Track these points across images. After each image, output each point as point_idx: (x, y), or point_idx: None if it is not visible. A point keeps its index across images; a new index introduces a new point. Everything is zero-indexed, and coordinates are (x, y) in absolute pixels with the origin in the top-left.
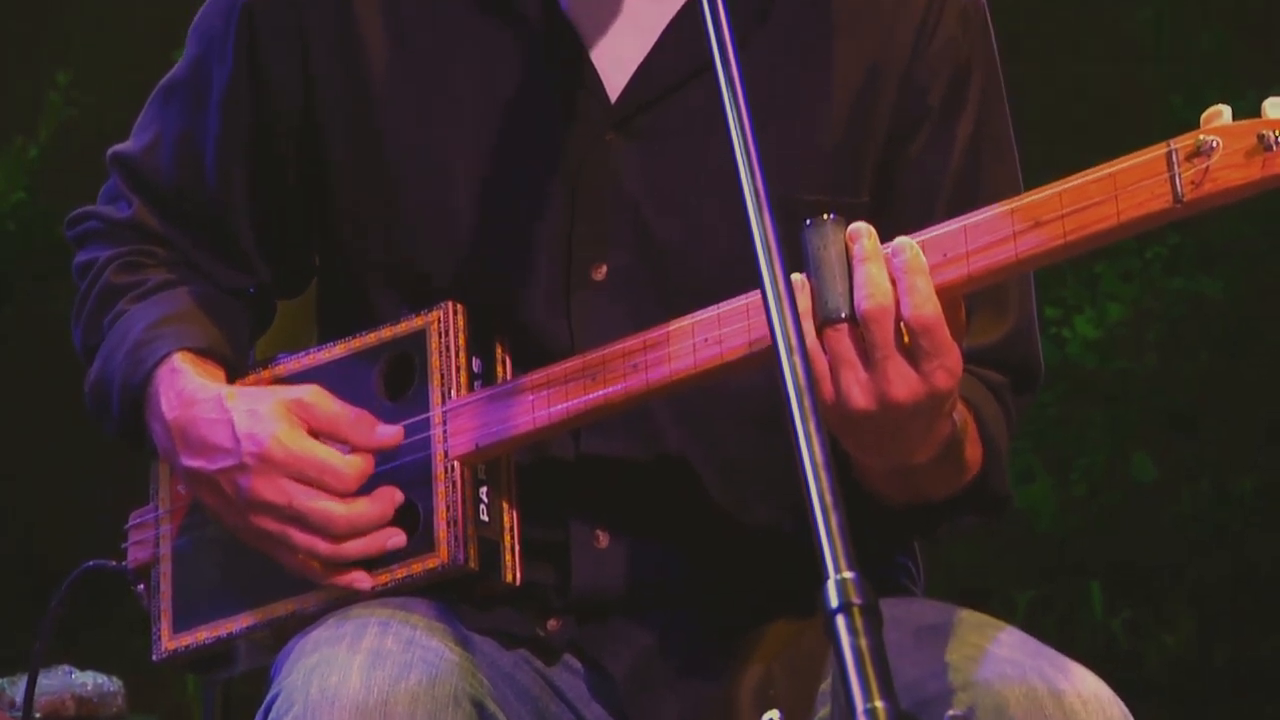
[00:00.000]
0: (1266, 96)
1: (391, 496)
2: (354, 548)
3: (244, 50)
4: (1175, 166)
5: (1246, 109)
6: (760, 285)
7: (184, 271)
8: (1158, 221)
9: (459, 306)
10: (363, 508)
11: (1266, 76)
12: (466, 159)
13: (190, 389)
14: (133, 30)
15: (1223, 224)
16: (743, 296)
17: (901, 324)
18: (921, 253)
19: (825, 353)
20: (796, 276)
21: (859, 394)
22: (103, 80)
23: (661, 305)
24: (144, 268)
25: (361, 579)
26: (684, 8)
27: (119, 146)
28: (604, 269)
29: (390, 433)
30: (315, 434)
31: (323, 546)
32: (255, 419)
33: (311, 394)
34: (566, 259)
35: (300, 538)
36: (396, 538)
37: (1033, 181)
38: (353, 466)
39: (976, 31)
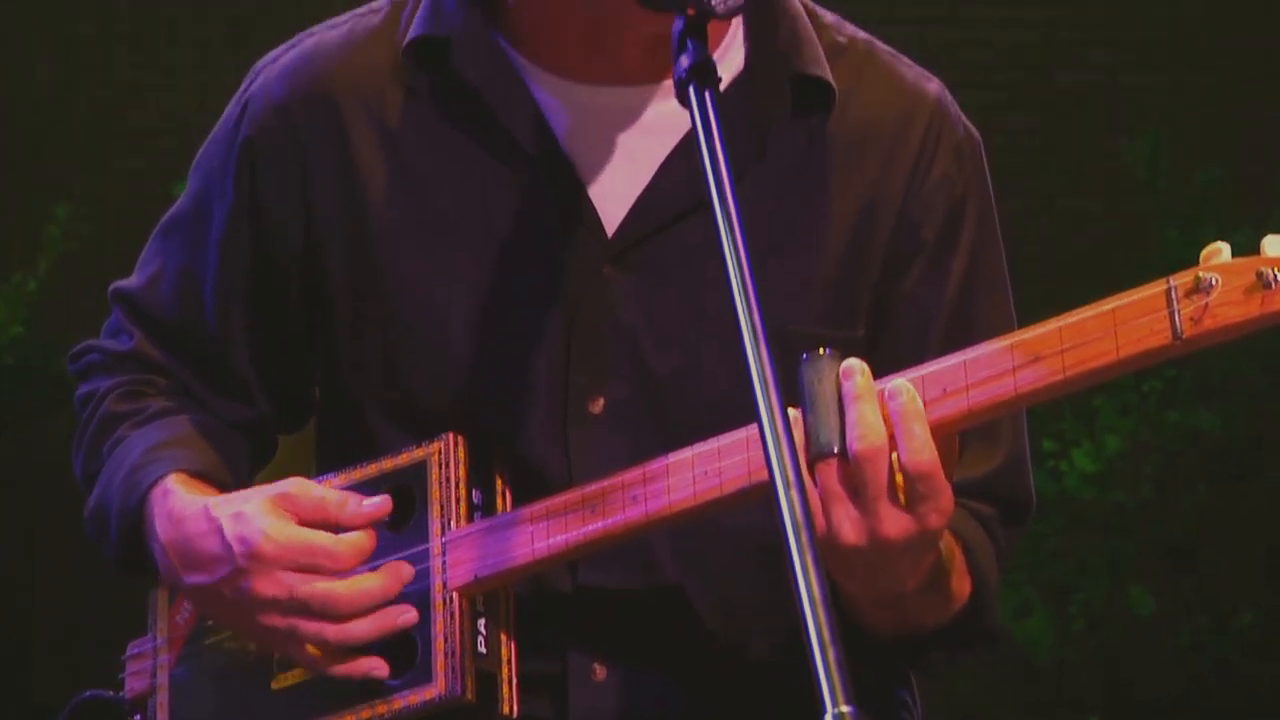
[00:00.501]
0: (1261, 231)
1: (398, 571)
2: (361, 627)
3: (244, 185)
4: (1175, 303)
5: (1242, 243)
6: (757, 421)
7: (184, 400)
8: (1157, 358)
9: (459, 438)
10: (367, 582)
11: (1261, 211)
12: (464, 292)
13: (179, 507)
14: (133, 164)
15: (1220, 358)
16: (743, 430)
17: (896, 467)
18: (918, 397)
19: (816, 486)
20: (791, 411)
21: (850, 529)
22: (102, 213)
23: (659, 438)
24: (144, 396)
25: (379, 666)
26: (680, 143)
27: (120, 282)
28: (601, 402)
29: (377, 502)
30: (305, 523)
31: (330, 630)
32: (242, 521)
33: (294, 485)
34: (564, 392)
35: (307, 626)
36: (408, 614)
37: (1031, 315)
38: (345, 543)
39: (971, 168)
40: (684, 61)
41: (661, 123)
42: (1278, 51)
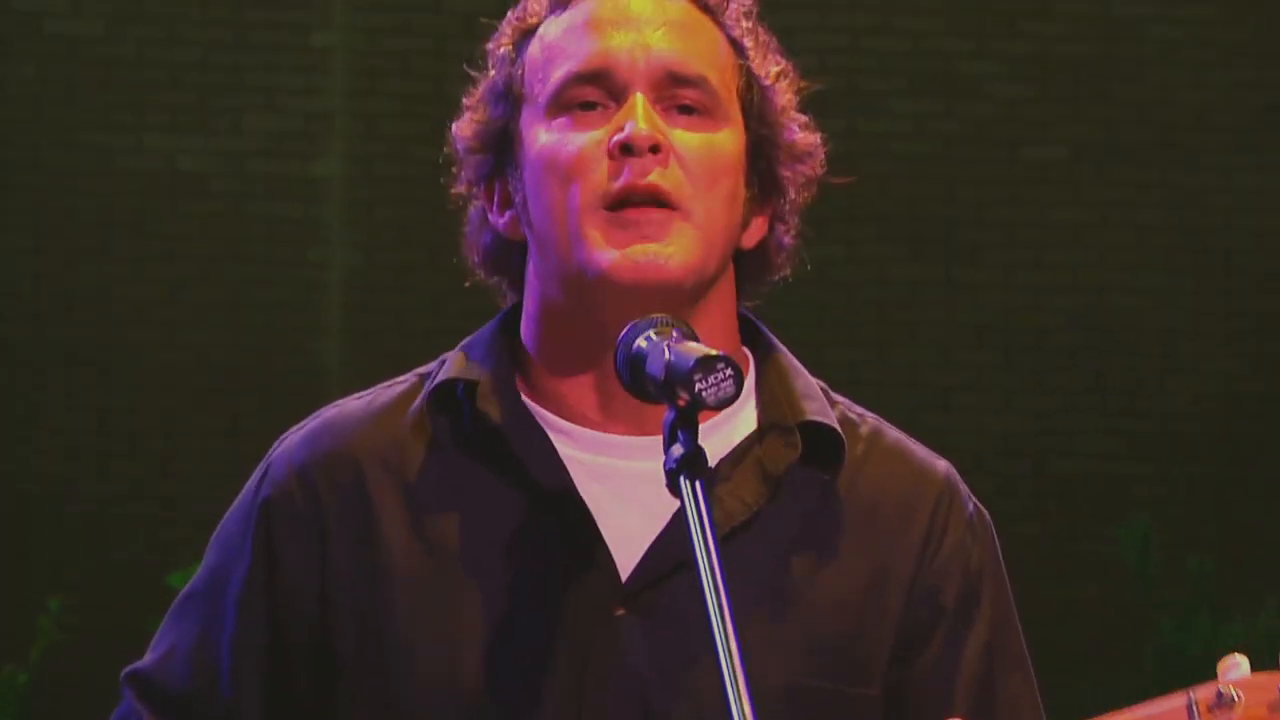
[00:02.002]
0: (1255, 622)
1: None
2: None
3: (262, 545)
4: (1196, 717)
5: (1235, 633)
6: None
7: None
8: None
9: None
10: None
11: (1254, 601)
12: (475, 635)
13: None
14: (128, 556)
15: None
16: None
17: None
18: None
19: None
20: None
21: None
22: (95, 605)
23: None
24: None
25: None
26: None
27: (134, 665)
28: None
29: None
30: None
31: None
32: None
33: None
34: None
35: None
36: None
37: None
38: None
39: (985, 542)
40: (675, 451)
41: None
42: (1269, 439)
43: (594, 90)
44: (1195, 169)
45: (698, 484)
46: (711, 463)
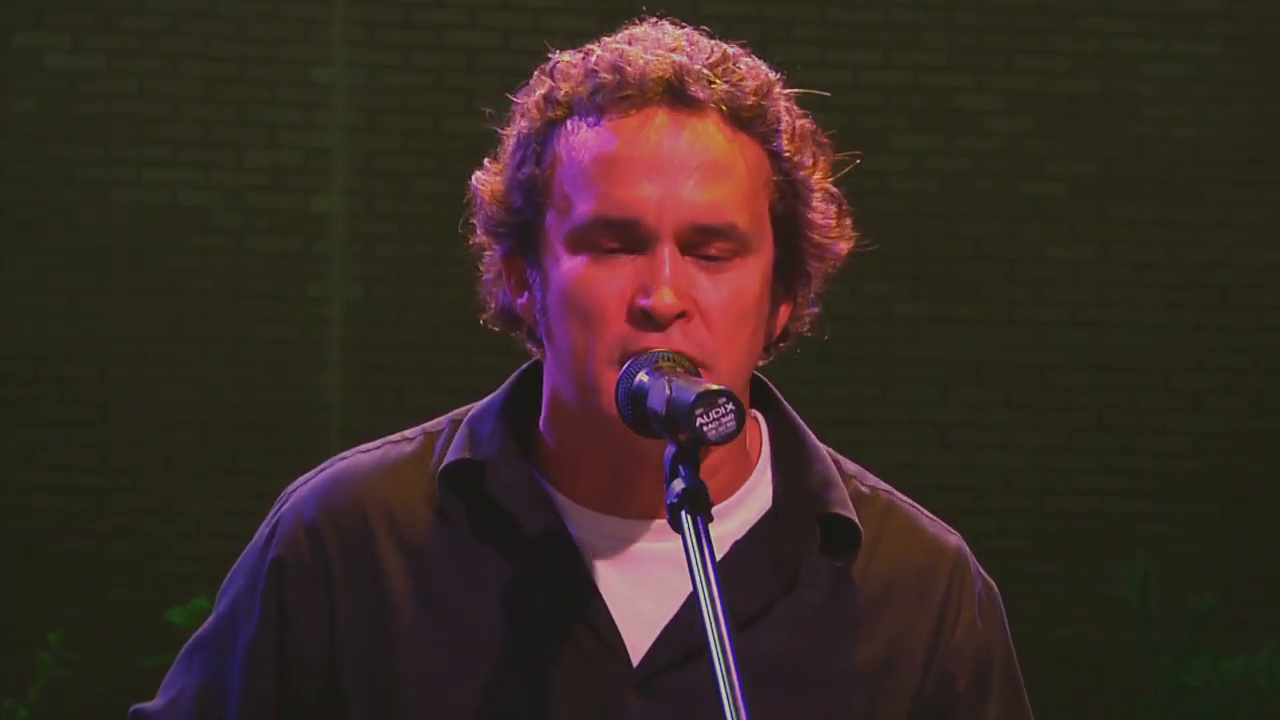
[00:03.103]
0: (1251, 665)
1: None
2: None
3: (271, 603)
4: None
5: (1235, 671)
6: None
7: None
8: None
9: None
10: None
11: (1254, 639)
12: (482, 714)
13: None
14: (127, 594)
15: None
16: None
17: None
18: None
19: None
20: None
21: None
22: (94, 640)
23: None
24: None
25: None
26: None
27: (142, 705)
28: None
29: None
30: None
31: None
32: None
33: None
34: None
35: None
36: None
37: None
38: None
39: (994, 618)
40: (676, 486)
41: (684, 556)
42: (1269, 477)
43: (618, 236)
44: (1194, 205)
45: (699, 519)
46: (727, 547)
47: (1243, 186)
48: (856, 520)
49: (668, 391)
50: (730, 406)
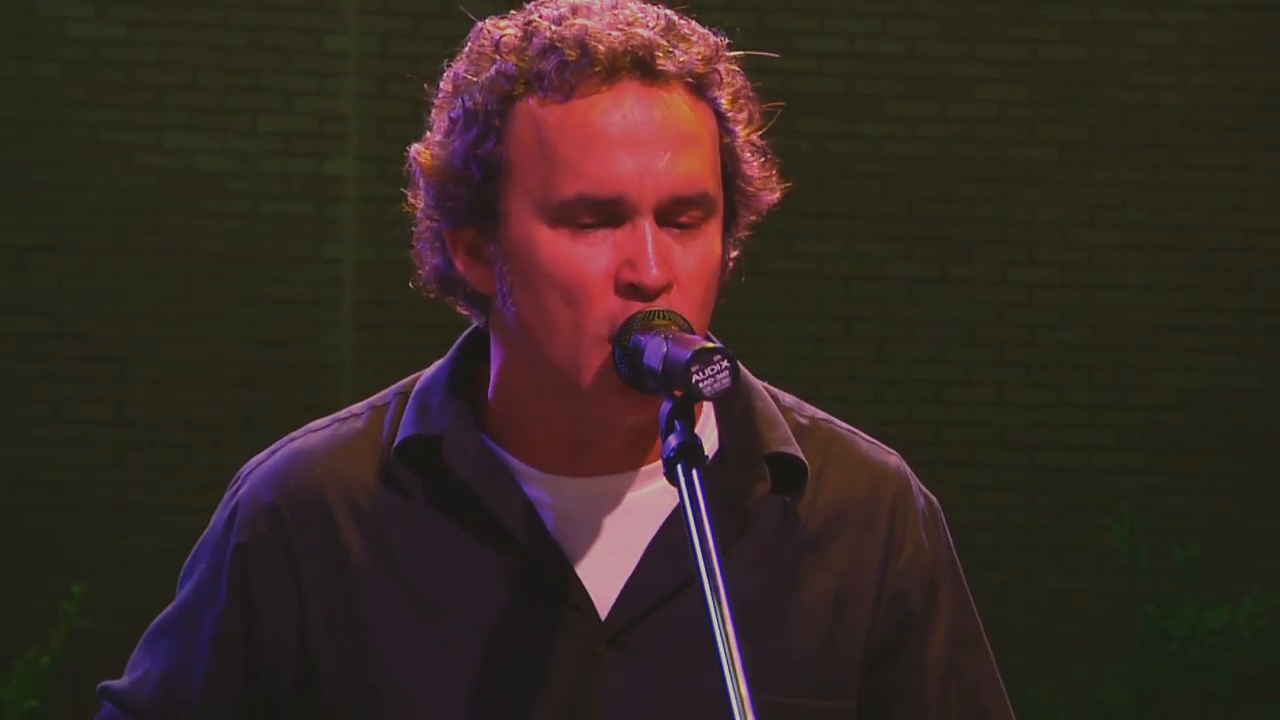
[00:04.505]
0: (1234, 613)
1: None
2: None
3: (236, 589)
4: None
5: (1218, 619)
6: None
7: None
8: None
9: None
10: None
11: (1236, 588)
12: (460, 686)
13: None
14: (145, 545)
15: None
16: None
17: None
18: None
19: None
20: None
21: None
22: (114, 592)
23: None
24: None
25: None
26: (666, 523)
27: (109, 682)
28: None
29: None
30: None
31: None
32: None
33: None
34: None
35: None
36: None
37: (1012, 690)
38: None
39: (937, 534)
40: (672, 441)
41: (645, 507)
42: (1253, 433)
43: (598, 212)
44: (1181, 169)
45: (694, 472)
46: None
47: (1227, 151)
48: (802, 457)
49: (664, 349)
50: (725, 364)
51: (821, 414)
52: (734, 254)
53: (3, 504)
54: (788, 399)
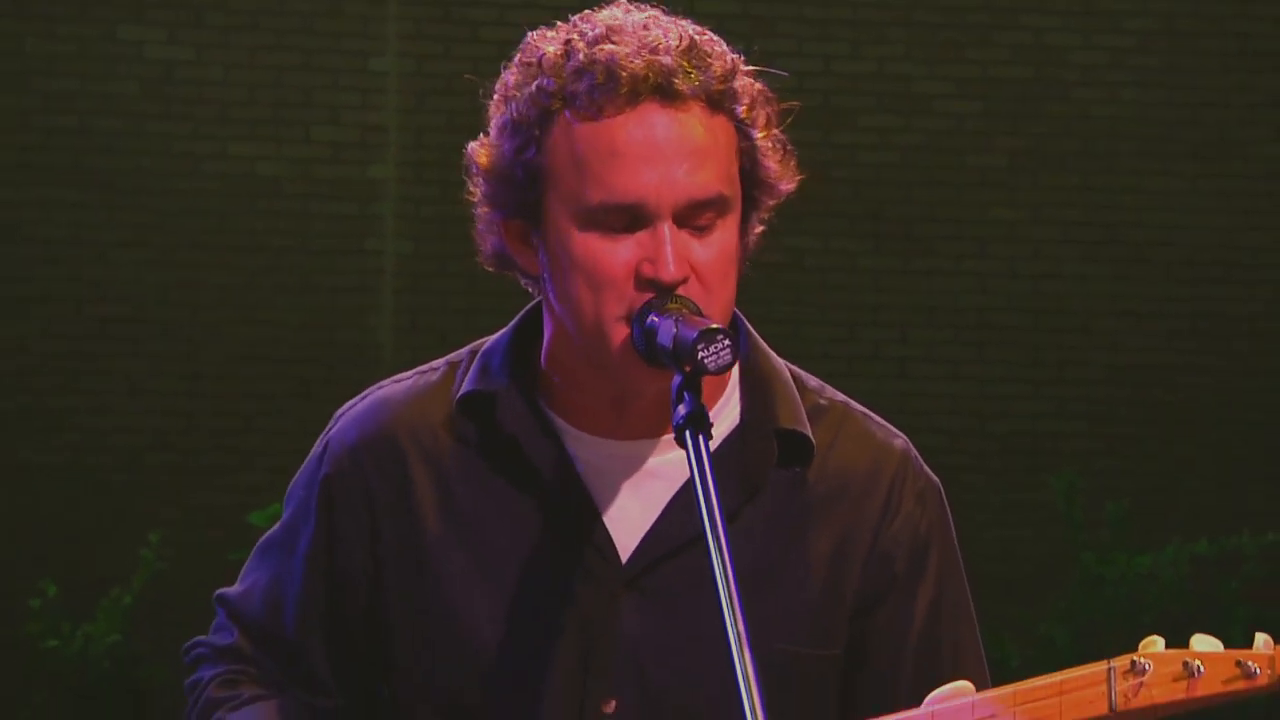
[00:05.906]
0: (1158, 559)
1: None
2: None
3: (324, 515)
4: (1113, 681)
5: (1144, 565)
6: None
7: (274, 689)
8: None
9: None
10: None
11: (1160, 539)
12: (498, 612)
13: None
14: (214, 500)
15: None
16: None
17: None
18: None
19: None
20: None
21: None
22: (186, 539)
23: None
24: (239, 684)
25: None
26: (684, 485)
27: (224, 589)
28: (613, 704)
29: None
30: None
31: None
32: None
33: None
34: (580, 695)
35: None
36: None
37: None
38: None
39: (933, 508)
40: (681, 410)
41: (669, 469)
42: (1174, 403)
43: (623, 217)
44: (1111, 174)
45: (701, 437)
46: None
47: (1152, 158)
48: (809, 434)
49: (675, 330)
50: (726, 342)
51: (841, 397)
52: (759, 229)
53: (87, 464)
54: (812, 382)
